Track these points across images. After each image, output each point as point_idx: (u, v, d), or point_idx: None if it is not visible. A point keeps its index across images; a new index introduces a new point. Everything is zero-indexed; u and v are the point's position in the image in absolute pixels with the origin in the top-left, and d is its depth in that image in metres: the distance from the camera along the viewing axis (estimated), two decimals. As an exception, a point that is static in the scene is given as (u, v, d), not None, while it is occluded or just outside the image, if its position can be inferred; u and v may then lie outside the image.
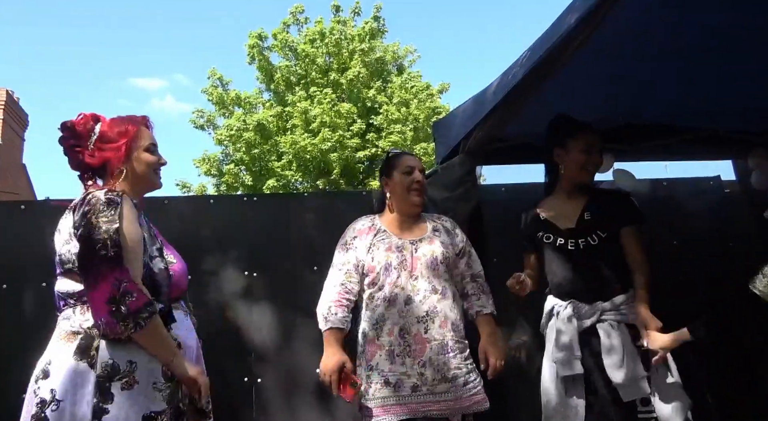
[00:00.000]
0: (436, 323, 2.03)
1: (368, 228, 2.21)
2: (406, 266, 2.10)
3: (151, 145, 1.74)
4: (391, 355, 2.02)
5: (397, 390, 1.99)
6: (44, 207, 3.01)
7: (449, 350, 2.02)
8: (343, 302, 2.10)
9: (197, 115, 13.02)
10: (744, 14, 2.06)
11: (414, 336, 2.02)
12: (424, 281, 2.08)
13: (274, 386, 2.81)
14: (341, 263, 2.17)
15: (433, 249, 2.13)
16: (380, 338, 2.06)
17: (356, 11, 13.45)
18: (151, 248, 1.60)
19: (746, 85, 2.53)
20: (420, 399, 1.98)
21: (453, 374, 2.01)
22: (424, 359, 2.00)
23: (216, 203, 3.16)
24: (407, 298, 2.06)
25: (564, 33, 1.80)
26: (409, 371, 2.00)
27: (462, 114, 2.58)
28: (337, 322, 2.06)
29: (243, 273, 2.90)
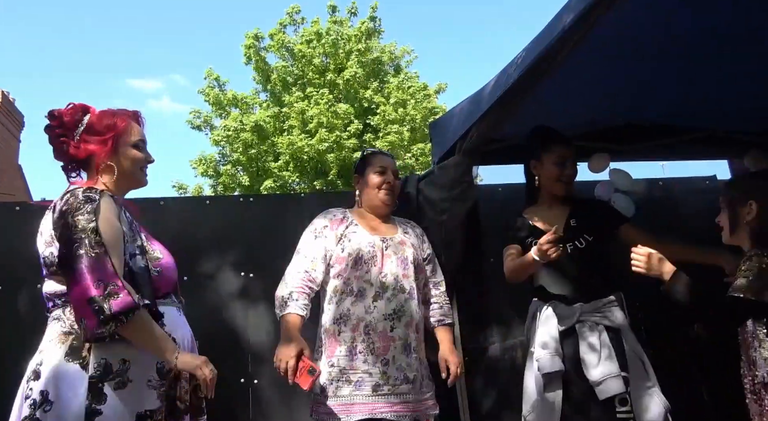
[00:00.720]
0: (402, 321, 2.02)
1: (340, 219, 2.19)
2: (376, 262, 2.07)
3: (140, 142, 1.70)
4: (353, 351, 1.98)
5: (358, 388, 1.95)
6: (40, 208, 2.99)
7: (412, 350, 2.02)
8: (306, 290, 2.05)
9: (194, 116, 13.00)
10: (742, 14, 2.07)
11: (379, 333, 1.99)
12: (392, 279, 2.06)
13: (270, 387, 2.80)
14: (308, 250, 2.12)
15: (404, 249, 2.14)
16: (341, 333, 2.01)
17: (352, 11, 13.45)
18: (131, 245, 1.56)
19: (742, 86, 2.53)
20: (381, 399, 1.95)
21: (414, 376, 2.00)
22: (388, 358, 1.98)
23: (212, 204, 3.14)
24: (375, 294, 2.03)
25: (559, 33, 1.80)
26: (371, 369, 1.97)
27: (458, 114, 2.57)
28: (297, 308, 2.00)
29: (240, 274, 2.89)
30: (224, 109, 12.85)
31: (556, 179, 2.28)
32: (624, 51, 2.27)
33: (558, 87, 2.21)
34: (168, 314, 1.61)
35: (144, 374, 1.50)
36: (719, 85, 2.53)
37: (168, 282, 1.65)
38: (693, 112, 2.78)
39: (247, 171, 12.31)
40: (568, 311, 2.13)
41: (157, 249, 1.66)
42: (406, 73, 13.38)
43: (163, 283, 1.62)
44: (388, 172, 2.24)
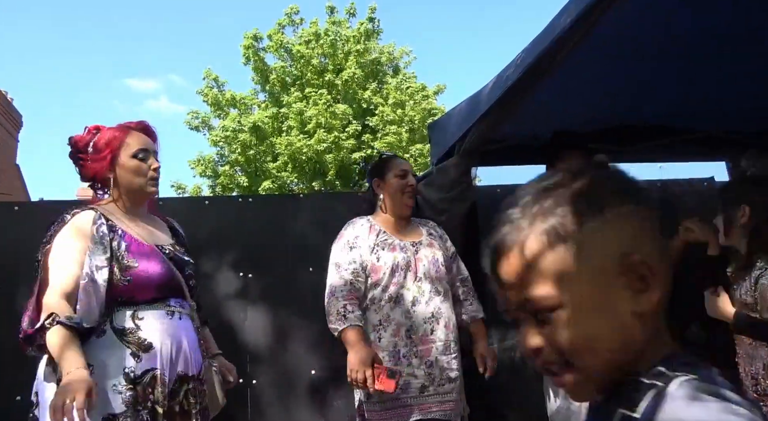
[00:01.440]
0: (441, 324, 2.07)
1: (369, 228, 2.20)
2: (411, 267, 2.12)
3: (140, 151, 1.74)
4: (396, 356, 2.02)
5: (404, 391, 1.99)
6: (38, 208, 2.99)
7: (451, 351, 2.07)
8: (356, 301, 2.08)
9: (192, 117, 12.99)
10: (741, 15, 2.07)
11: (420, 337, 2.04)
12: (427, 283, 2.11)
13: (269, 387, 2.80)
14: (346, 261, 2.12)
15: (434, 252, 2.18)
16: (381, 340, 2.05)
17: (351, 12, 13.47)
18: (99, 258, 1.60)
19: (741, 86, 2.54)
20: (428, 400, 2.00)
21: (455, 375, 2.06)
22: (431, 359, 2.03)
23: (211, 204, 3.15)
24: (413, 299, 2.08)
25: (557, 35, 1.81)
26: (416, 371, 2.02)
27: (457, 115, 2.58)
28: (355, 319, 2.03)
29: (238, 274, 2.89)
30: (223, 110, 12.85)
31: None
32: (622, 52, 2.27)
33: (556, 88, 2.22)
34: (149, 319, 1.61)
35: (109, 379, 1.53)
36: (717, 86, 2.54)
37: (146, 289, 1.64)
38: (691, 113, 2.79)
39: (246, 172, 12.31)
40: None
41: (135, 259, 1.65)
42: (405, 74, 13.39)
43: (139, 290, 1.62)
44: (409, 176, 2.26)
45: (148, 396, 1.56)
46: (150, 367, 1.58)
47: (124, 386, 1.53)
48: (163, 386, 1.59)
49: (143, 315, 1.62)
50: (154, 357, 1.59)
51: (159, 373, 1.58)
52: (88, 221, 1.65)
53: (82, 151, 1.74)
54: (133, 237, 1.70)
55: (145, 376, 1.57)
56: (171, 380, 1.61)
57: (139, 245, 1.69)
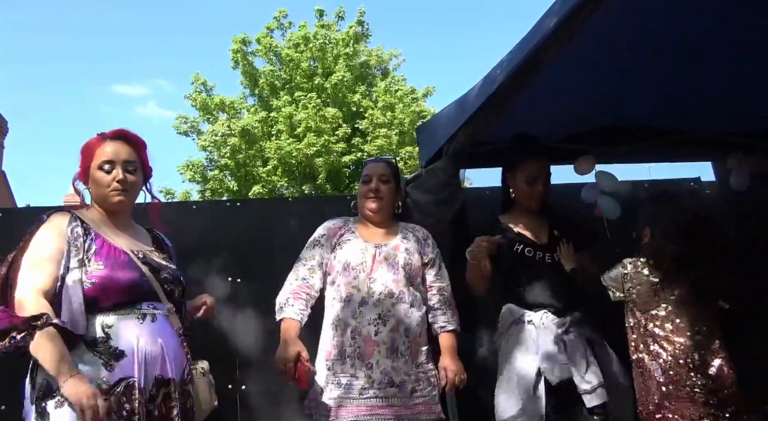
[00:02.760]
0: (388, 326, 2.04)
1: (339, 228, 2.25)
2: (365, 267, 2.12)
3: (104, 163, 1.75)
4: (343, 355, 2.04)
5: (347, 391, 2.00)
6: (24, 214, 2.96)
7: (399, 354, 2.03)
8: (302, 295, 2.13)
9: (181, 121, 12.92)
10: (726, 17, 2.09)
11: (364, 338, 2.03)
12: (380, 285, 2.09)
13: (259, 393, 2.78)
14: (306, 258, 2.20)
15: (395, 253, 2.16)
16: (334, 338, 2.08)
17: (340, 15, 13.48)
18: (72, 260, 1.60)
19: (726, 88, 2.56)
20: (368, 402, 1.98)
21: (400, 380, 2.01)
22: (372, 362, 2.01)
23: (199, 209, 3.13)
24: (361, 299, 2.07)
25: (544, 35, 1.82)
26: (358, 372, 2.01)
27: (445, 117, 2.58)
28: (291, 313, 2.08)
29: (227, 279, 2.87)
30: (212, 114, 12.78)
31: (529, 197, 2.34)
32: (609, 53, 2.29)
33: (543, 90, 2.22)
34: (120, 325, 1.60)
35: None
36: (703, 88, 2.56)
37: (112, 293, 1.62)
38: (677, 115, 2.81)
39: (235, 176, 12.25)
40: (560, 321, 2.16)
41: (101, 263, 1.63)
42: (394, 76, 13.41)
43: (105, 295, 1.61)
44: (373, 181, 2.27)
45: (124, 405, 1.53)
46: (124, 375, 1.56)
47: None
48: (141, 394, 1.56)
49: (112, 322, 1.60)
50: (128, 365, 1.57)
51: (134, 381, 1.56)
52: (63, 221, 1.67)
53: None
54: (105, 240, 1.70)
55: (119, 385, 1.55)
56: (148, 386, 1.59)
57: (110, 248, 1.68)
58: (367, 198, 2.27)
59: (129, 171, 1.77)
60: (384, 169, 2.32)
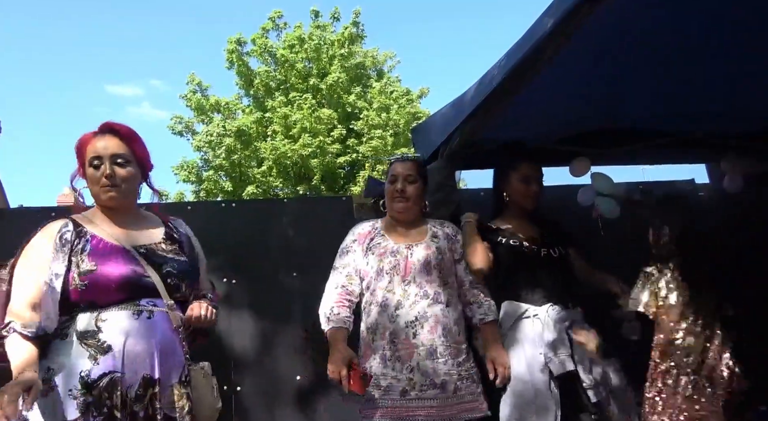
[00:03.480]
0: (425, 328, 2.04)
1: (368, 232, 2.24)
2: (399, 270, 2.11)
3: (93, 159, 1.71)
4: (384, 359, 2.04)
5: (387, 394, 2.00)
6: (17, 215, 2.94)
7: (438, 355, 2.03)
8: (345, 303, 2.11)
9: (175, 122, 12.89)
10: (721, 19, 2.10)
11: (403, 341, 2.03)
12: (415, 286, 2.09)
13: (254, 394, 2.78)
14: (341, 265, 2.19)
15: (427, 254, 2.15)
16: (374, 342, 2.08)
17: (335, 16, 13.47)
18: (60, 264, 1.61)
19: (720, 90, 2.57)
20: (408, 403, 1.98)
21: (442, 381, 2.01)
22: (412, 364, 2.01)
23: (194, 210, 3.12)
24: (398, 302, 2.07)
25: (540, 38, 1.82)
26: (399, 375, 2.01)
27: (441, 119, 2.58)
28: (339, 321, 2.06)
29: (222, 280, 2.86)
30: (206, 115, 12.76)
31: (523, 195, 2.36)
32: (604, 55, 2.29)
33: (539, 92, 2.23)
34: (113, 321, 1.58)
35: (67, 383, 1.51)
36: (697, 90, 2.57)
37: (106, 291, 1.61)
38: (672, 117, 2.82)
39: (230, 177, 12.22)
40: (565, 315, 2.17)
41: (94, 262, 1.63)
42: (389, 78, 13.42)
43: (98, 293, 1.61)
44: (399, 181, 2.23)
45: (105, 401, 1.51)
46: (108, 370, 1.54)
47: (79, 390, 1.51)
48: (126, 390, 1.54)
49: (106, 317, 1.59)
50: (113, 360, 1.55)
51: (118, 377, 1.54)
52: (54, 229, 1.67)
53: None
54: (101, 239, 1.68)
55: (102, 380, 1.53)
56: (135, 385, 1.56)
57: (105, 245, 1.66)
58: (394, 199, 2.24)
59: (118, 164, 1.71)
60: (410, 169, 2.27)
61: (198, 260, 1.87)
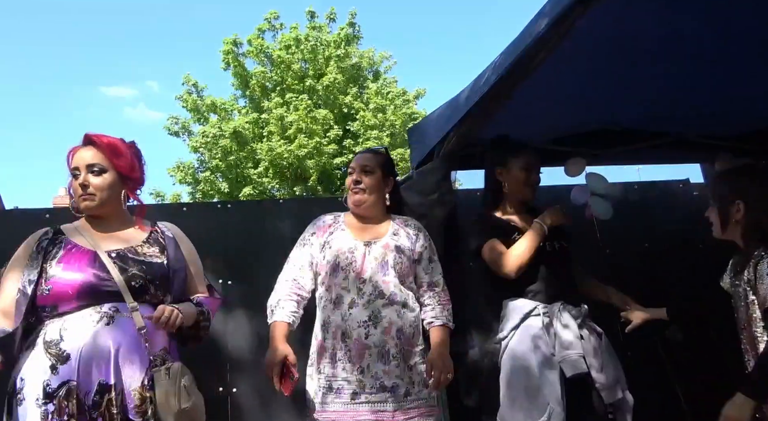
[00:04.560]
0: (378, 329, 1.96)
1: (328, 225, 2.16)
2: (355, 267, 2.03)
3: (73, 170, 1.78)
4: (334, 359, 1.98)
5: (337, 396, 1.95)
6: (12, 216, 2.93)
7: (390, 357, 1.96)
8: (293, 297, 2.06)
9: (172, 122, 12.86)
10: (713, 21, 2.11)
11: (354, 341, 1.96)
12: (371, 285, 2.00)
13: (249, 396, 2.77)
14: (296, 258, 2.14)
15: (385, 253, 2.06)
16: (326, 341, 2.01)
17: (331, 17, 13.46)
18: (31, 272, 1.66)
19: (713, 91, 2.58)
20: (358, 407, 1.92)
21: (393, 383, 1.94)
22: (363, 366, 1.95)
23: (189, 211, 3.11)
24: (351, 301, 2.00)
25: (535, 37, 1.82)
26: (349, 376, 1.95)
27: (436, 119, 2.58)
28: (283, 315, 2.01)
29: (218, 281, 2.85)
30: (202, 116, 12.74)
31: (524, 184, 2.33)
32: (598, 57, 2.30)
33: (534, 92, 2.23)
34: (74, 328, 1.60)
35: (34, 392, 1.55)
36: (691, 91, 2.58)
37: (68, 297, 1.63)
38: (666, 117, 2.84)
39: (227, 178, 12.21)
40: (576, 313, 2.15)
41: (60, 267, 1.67)
42: (385, 78, 13.42)
43: (61, 299, 1.63)
44: (356, 172, 2.16)
45: (65, 409, 1.53)
46: (66, 379, 1.56)
47: (42, 400, 1.54)
48: (84, 397, 1.56)
49: (68, 325, 1.61)
50: (70, 368, 1.56)
51: (74, 384, 1.56)
52: (35, 238, 1.74)
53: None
54: (75, 245, 1.72)
55: (61, 389, 1.55)
56: (91, 392, 1.57)
57: (77, 251, 1.70)
58: (350, 190, 2.17)
59: (93, 172, 1.75)
60: (368, 160, 2.18)
61: (184, 263, 1.86)
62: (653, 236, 3.16)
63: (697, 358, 2.74)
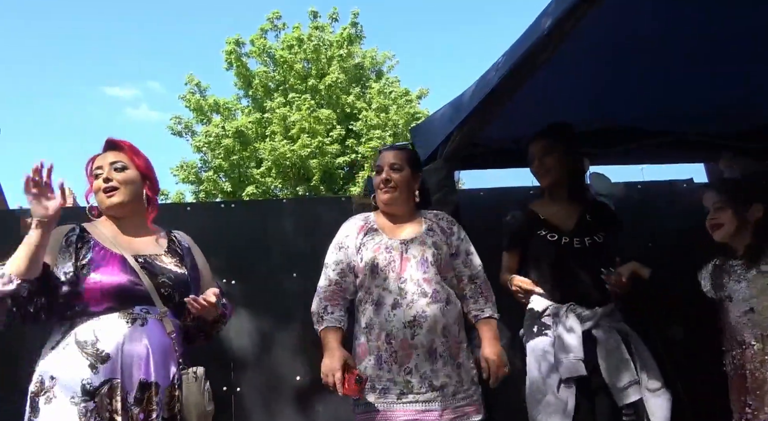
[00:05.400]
0: (424, 328, 1.94)
1: (360, 227, 2.13)
2: (395, 268, 2.01)
3: (95, 169, 1.82)
4: (379, 361, 1.95)
5: (383, 397, 1.93)
6: (16, 217, 2.93)
7: (438, 356, 1.95)
8: (339, 301, 2.04)
9: (175, 122, 12.90)
10: (715, 21, 2.11)
11: (400, 342, 1.94)
12: (412, 284, 1.98)
13: (253, 395, 2.77)
14: (334, 262, 2.08)
15: (423, 250, 2.03)
16: (369, 343, 1.99)
17: (334, 17, 13.47)
18: (63, 267, 1.66)
19: (716, 90, 2.58)
20: (405, 407, 1.91)
21: (441, 383, 1.93)
22: (410, 366, 1.93)
23: (193, 211, 3.11)
24: (394, 302, 1.97)
25: (538, 38, 1.82)
26: (396, 377, 1.93)
27: (439, 119, 2.58)
28: (333, 321, 1.99)
29: (221, 280, 2.85)
30: (205, 115, 12.77)
31: (536, 173, 2.34)
32: (602, 55, 2.30)
33: (537, 92, 2.23)
34: (109, 329, 1.63)
35: (68, 390, 1.57)
36: (694, 90, 2.58)
37: (100, 298, 1.66)
38: (667, 117, 2.83)
39: (229, 177, 12.23)
40: (589, 314, 2.13)
41: (98, 269, 1.68)
42: (388, 78, 13.43)
43: (97, 300, 1.65)
44: (384, 170, 2.13)
45: (106, 406, 1.57)
46: (108, 377, 1.59)
47: (80, 397, 1.56)
48: (123, 395, 1.60)
49: (102, 326, 1.64)
50: (112, 367, 1.60)
51: (117, 382, 1.60)
52: (62, 232, 1.72)
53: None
54: (103, 247, 1.73)
55: (103, 387, 1.59)
56: (132, 389, 1.62)
57: (106, 254, 1.72)
58: (379, 189, 2.13)
59: (116, 169, 1.80)
60: (395, 157, 2.15)
61: (199, 272, 1.92)
62: (657, 236, 3.14)
63: (698, 356, 2.73)
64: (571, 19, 1.73)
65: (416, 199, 2.18)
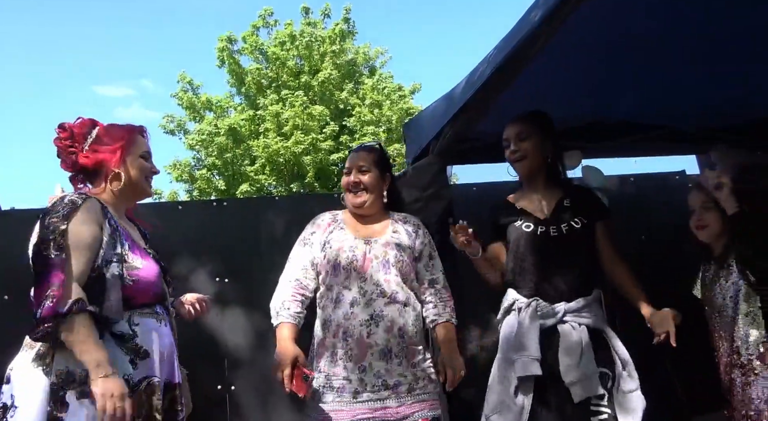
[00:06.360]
0: (381, 327, 1.96)
1: (327, 224, 2.15)
2: (357, 266, 2.03)
3: (146, 153, 1.78)
4: (334, 358, 1.97)
5: (338, 395, 1.94)
6: (9, 217, 2.92)
7: (393, 356, 1.96)
8: (297, 298, 2.04)
9: (167, 120, 12.85)
10: (708, 13, 2.11)
11: (356, 340, 1.95)
12: (372, 284, 2.00)
13: (248, 393, 2.77)
14: (298, 257, 2.11)
15: (386, 251, 2.06)
16: (326, 340, 2.01)
17: (326, 13, 13.43)
18: (109, 252, 1.56)
19: (707, 83, 2.58)
20: (361, 405, 1.93)
21: (395, 382, 1.95)
22: (365, 365, 1.94)
23: (185, 209, 3.11)
24: (353, 300, 1.99)
25: (528, 31, 1.82)
26: (350, 375, 1.94)
27: (432, 114, 2.58)
28: (288, 317, 2.00)
29: (214, 279, 2.85)
30: (198, 113, 12.72)
31: (509, 160, 2.24)
32: (593, 49, 2.30)
33: (529, 86, 2.23)
34: (144, 325, 1.60)
35: None
36: (685, 83, 2.58)
37: (145, 293, 1.62)
38: (660, 110, 2.84)
39: (223, 175, 12.21)
40: (551, 311, 2.04)
41: (138, 259, 1.63)
42: (381, 74, 13.41)
43: (139, 293, 1.60)
44: (353, 172, 2.16)
45: (144, 403, 1.54)
46: (146, 374, 1.57)
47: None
48: (159, 394, 1.58)
49: (138, 321, 1.60)
50: (150, 364, 1.58)
51: (155, 380, 1.58)
52: (98, 209, 1.60)
53: (76, 140, 1.69)
54: (128, 235, 1.68)
55: (142, 383, 1.55)
56: (162, 388, 1.61)
57: (135, 244, 1.68)
58: (348, 191, 2.16)
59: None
60: (363, 159, 2.17)
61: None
62: (649, 229, 3.16)
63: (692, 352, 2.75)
64: (560, 12, 1.72)
65: (384, 200, 2.19)
